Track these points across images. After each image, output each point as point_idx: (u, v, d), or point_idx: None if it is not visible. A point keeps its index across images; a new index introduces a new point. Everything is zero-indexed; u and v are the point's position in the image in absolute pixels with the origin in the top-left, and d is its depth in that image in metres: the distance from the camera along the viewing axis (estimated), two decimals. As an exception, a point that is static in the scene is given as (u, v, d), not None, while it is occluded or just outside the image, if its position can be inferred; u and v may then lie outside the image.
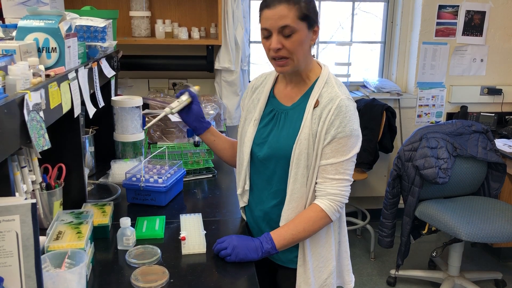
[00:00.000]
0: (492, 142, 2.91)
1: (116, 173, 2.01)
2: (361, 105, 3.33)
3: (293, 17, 1.33)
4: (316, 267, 1.50)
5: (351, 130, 1.39)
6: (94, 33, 1.75)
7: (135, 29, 2.97)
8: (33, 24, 1.30)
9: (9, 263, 0.92)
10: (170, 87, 3.20)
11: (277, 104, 1.52)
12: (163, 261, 1.40)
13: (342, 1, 3.65)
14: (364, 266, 3.28)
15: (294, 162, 1.42)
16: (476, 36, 3.56)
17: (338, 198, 1.43)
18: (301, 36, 1.35)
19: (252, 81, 1.64)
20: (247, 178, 1.56)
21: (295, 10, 1.33)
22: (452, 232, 2.59)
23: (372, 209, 3.69)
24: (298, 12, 1.33)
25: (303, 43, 1.37)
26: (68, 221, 1.39)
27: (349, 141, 1.39)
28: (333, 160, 1.40)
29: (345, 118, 1.38)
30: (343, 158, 1.40)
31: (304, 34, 1.36)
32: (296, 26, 1.34)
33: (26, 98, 1.01)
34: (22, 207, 0.91)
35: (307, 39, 1.38)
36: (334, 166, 1.40)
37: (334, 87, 1.43)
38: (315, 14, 1.38)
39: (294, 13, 1.33)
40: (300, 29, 1.35)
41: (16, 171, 1.15)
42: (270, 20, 1.35)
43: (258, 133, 1.52)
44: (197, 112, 1.69)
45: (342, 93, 1.42)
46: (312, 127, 1.40)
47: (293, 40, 1.35)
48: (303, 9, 1.34)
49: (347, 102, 1.41)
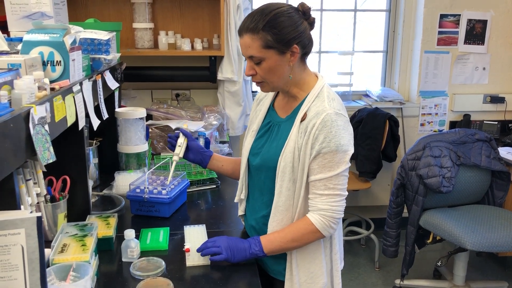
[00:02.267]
0: (495, 150, 2.90)
1: (120, 185, 2.01)
2: (364, 114, 3.33)
3: (257, 47, 1.34)
4: (304, 282, 1.47)
5: (336, 146, 1.35)
6: (98, 45, 1.77)
7: (138, 41, 2.99)
8: (38, 38, 1.31)
9: (14, 277, 0.92)
10: (173, 98, 3.21)
11: (274, 116, 1.54)
12: (167, 273, 1.40)
13: (344, 11, 3.67)
14: (369, 276, 3.26)
15: (279, 175, 1.42)
16: (478, 44, 3.57)
17: (329, 213, 1.39)
18: (270, 63, 1.36)
19: (259, 92, 1.65)
20: (244, 187, 1.60)
21: (258, 40, 1.33)
22: (457, 241, 2.57)
23: (376, 219, 3.67)
24: (262, 41, 1.33)
25: (275, 68, 1.37)
26: (72, 234, 1.39)
27: (335, 156, 1.36)
28: (321, 176, 1.37)
29: (330, 133, 1.34)
30: (331, 173, 1.37)
31: (274, 60, 1.36)
32: (263, 55, 1.35)
33: (31, 112, 1.01)
34: (28, 220, 0.91)
35: (281, 63, 1.37)
36: (323, 182, 1.38)
37: (324, 101, 1.40)
38: (284, 39, 1.34)
39: (258, 43, 1.34)
40: (268, 57, 1.35)
41: (21, 184, 1.16)
42: (241, 48, 1.40)
43: (255, 143, 1.55)
44: (196, 147, 1.74)
45: (330, 107, 1.38)
46: (297, 141, 1.39)
47: (262, 68, 1.37)
48: (267, 39, 1.33)
49: (334, 117, 1.36)
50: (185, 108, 2.90)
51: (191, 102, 3.21)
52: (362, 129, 3.28)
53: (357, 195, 3.65)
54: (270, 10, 1.35)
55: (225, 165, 1.76)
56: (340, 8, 3.66)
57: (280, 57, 1.36)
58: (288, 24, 1.34)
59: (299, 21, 1.37)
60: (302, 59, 1.44)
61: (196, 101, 3.23)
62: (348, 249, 3.62)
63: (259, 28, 1.33)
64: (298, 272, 1.47)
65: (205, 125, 2.63)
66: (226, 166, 1.76)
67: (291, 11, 1.37)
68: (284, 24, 1.34)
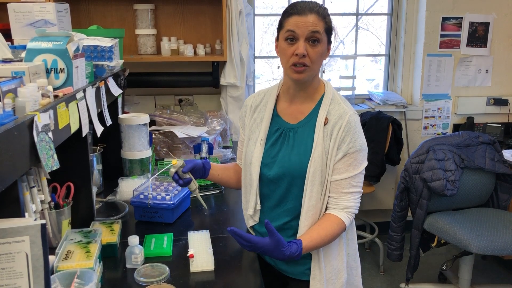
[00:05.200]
0: (499, 153, 2.89)
1: (124, 191, 2.01)
2: (367, 118, 3.33)
3: (321, 28, 1.41)
4: (329, 279, 1.50)
5: (360, 145, 1.45)
6: (101, 52, 1.77)
7: (141, 47, 3.00)
8: (42, 46, 1.32)
9: (19, 284, 0.92)
10: (177, 104, 3.22)
11: (283, 123, 1.52)
12: (171, 279, 1.40)
13: (346, 15, 3.68)
14: (374, 280, 3.25)
15: (309, 180, 1.43)
16: (480, 47, 3.57)
17: (353, 210, 1.48)
18: (323, 48, 1.43)
19: (249, 99, 1.62)
20: (258, 199, 1.54)
21: (323, 22, 1.42)
22: (461, 244, 2.56)
23: (380, 222, 3.66)
24: (325, 25, 1.42)
25: (323, 55, 1.45)
26: (77, 240, 1.39)
27: (359, 155, 1.45)
28: (347, 175, 1.44)
29: (355, 133, 1.44)
30: (356, 172, 1.45)
31: (325, 47, 1.44)
32: (322, 37, 1.42)
33: (35, 119, 1.02)
34: (32, 228, 0.91)
35: (325, 53, 1.46)
36: (348, 181, 1.44)
37: (340, 104, 1.49)
38: (331, 33, 1.47)
39: (322, 25, 1.41)
40: (323, 41, 1.43)
41: (26, 191, 1.16)
42: (300, 25, 1.39)
43: (266, 153, 1.51)
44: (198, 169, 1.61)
45: (349, 109, 1.48)
46: (324, 145, 1.44)
47: (317, 50, 1.41)
48: (328, 23, 1.43)
49: (355, 118, 1.47)
50: (188, 114, 2.91)
51: (194, 107, 3.21)
52: (365, 132, 3.24)
53: (361, 199, 3.64)
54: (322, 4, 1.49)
55: (221, 174, 1.68)
56: (342, 12, 3.67)
57: (327, 46, 1.45)
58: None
59: None
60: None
61: (199, 107, 3.23)
62: (353, 253, 3.60)
63: (325, 13, 1.43)
64: (325, 270, 1.49)
65: (208, 130, 2.64)
66: (222, 174, 1.68)
67: None
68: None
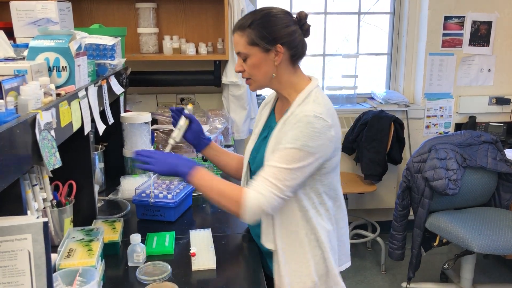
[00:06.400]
0: (501, 152, 2.89)
1: (126, 189, 2.01)
2: (368, 117, 3.32)
3: (243, 44, 1.42)
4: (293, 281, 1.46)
5: (302, 145, 1.33)
6: (103, 51, 1.78)
7: (143, 46, 3.00)
8: (44, 44, 1.32)
9: (21, 282, 0.92)
10: (178, 102, 3.22)
11: (272, 120, 1.58)
12: (173, 277, 1.40)
13: (348, 14, 3.67)
14: (375, 279, 3.25)
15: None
16: (483, 46, 3.56)
17: (262, 201, 1.34)
18: (254, 60, 1.43)
19: (267, 96, 1.69)
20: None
21: (245, 37, 1.42)
22: (463, 244, 2.56)
23: (382, 221, 3.66)
24: (248, 38, 1.41)
25: (259, 65, 1.43)
26: (79, 239, 1.39)
27: (296, 153, 1.34)
28: (277, 164, 1.35)
29: (301, 132, 1.34)
30: (284, 165, 1.34)
31: (258, 57, 1.42)
32: (248, 52, 1.42)
33: (37, 117, 1.02)
34: (34, 226, 0.92)
35: (265, 61, 1.43)
36: (273, 170, 1.35)
37: (308, 104, 1.40)
38: (267, 38, 1.39)
39: (245, 40, 1.42)
40: (252, 53, 1.42)
41: (28, 189, 1.16)
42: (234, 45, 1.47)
43: (256, 147, 1.58)
44: (197, 130, 1.71)
45: (311, 110, 1.36)
46: (277, 141, 1.41)
47: (248, 64, 1.44)
48: (252, 36, 1.40)
49: (311, 119, 1.34)
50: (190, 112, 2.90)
51: (196, 106, 3.21)
52: (367, 131, 3.28)
53: (362, 198, 3.64)
54: (260, 10, 1.44)
55: (218, 155, 1.73)
56: (345, 11, 3.67)
57: (264, 55, 1.42)
58: (273, 24, 1.41)
59: (288, 23, 1.42)
60: (292, 62, 1.46)
61: (201, 105, 3.23)
62: (354, 252, 3.61)
63: (245, 26, 1.41)
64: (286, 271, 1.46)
65: (210, 129, 2.64)
66: (220, 157, 1.73)
67: (282, 14, 1.43)
68: (269, 23, 1.41)
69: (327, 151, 1.39)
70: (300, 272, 1.46)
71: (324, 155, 1.38)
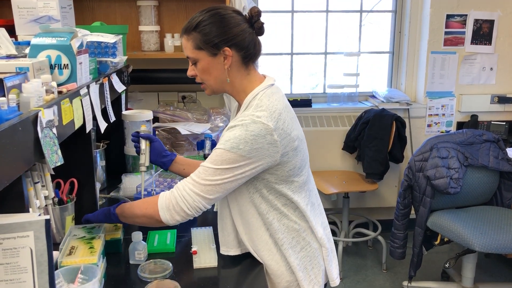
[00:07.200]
0: (503, 151, 2.88)
1: (127, 187, 2.02)
2: (370, 116, 3.32)
3: (190, 48, 1.38)
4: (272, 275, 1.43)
5: (232, 147, 1.27)
6: (104, 48, 1.77)
7: (144, 44, 3.00)
8: (46, 42, 1.32)
9: (23, 279, 0.92)
10: (180, 100, 3.22)
11: None
12: (174, 275, 1.40)
13: (350, 12, 3.67)
14: (376, 278, 3.25)
15: None
16: (485, 44, 3.55)
17: (178, 194, 1.31)
18: (203, 64, 1.38)
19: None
20: None
21: (191, 41, 1.37)
22: (465, 243, 2.56)
23: (383, 220, 3.66)
24: (193, 43, 1.36)
25: (209, 70, 1.38)
26: (80, 236, 1.39)
27: (225, 154, 1.28)
28: (203, 164, 1.32)
29: (234, 134, 1.28)
30: (212, 165, 1.29)
31: (206, 62, 1.37)
32: (195, 56, 1.38)
33: (39, 115, 1.02)
34: (36, 223, 0.92)
35: (214, 65, 1.37)
36: (200, 169, 1.32)
37: (250, 109, 1.34)
38: (212, 41, 1.34)
39: (191, 44, 1.37)
40: (200, 58, 1.37)
41: (30, 187, 1.16)
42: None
43: None
44: (158, 149, 1.69)
45: (250, 115, 1.30)
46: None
47: (198, 69, 1.40)
48: (197, 41, 1.35)
49: (248, 123, 1.28)
50: (191, 110, 2.90)
51: (197, 104, 3.21)
52: (368, 130, 3.27)
53: (364, 197, 3.64)
54: (208, 10, 1.37)
55: (186, 169, 1.69)
56: (346, 9, 3.66)
57: (212, 58, 1.36)
58: (220, 26, 1.34)
59: (236, 24, 1.35)
60: (244, 64, 1.39)
61: (202, 103, 3.23)
62: (355, 251, 3.61)
63: (191, 29, 1.36)
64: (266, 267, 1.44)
65: (211, 127, 2.64)
66: (191, 170, 1.58)
67: (230, 14, 1.35)
68: (216, 25, 1.34)
69: (269, 156, 1.30)
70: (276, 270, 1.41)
71: (266, 160, 1.30)
